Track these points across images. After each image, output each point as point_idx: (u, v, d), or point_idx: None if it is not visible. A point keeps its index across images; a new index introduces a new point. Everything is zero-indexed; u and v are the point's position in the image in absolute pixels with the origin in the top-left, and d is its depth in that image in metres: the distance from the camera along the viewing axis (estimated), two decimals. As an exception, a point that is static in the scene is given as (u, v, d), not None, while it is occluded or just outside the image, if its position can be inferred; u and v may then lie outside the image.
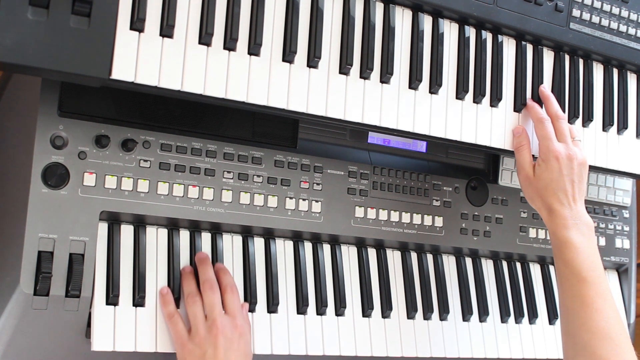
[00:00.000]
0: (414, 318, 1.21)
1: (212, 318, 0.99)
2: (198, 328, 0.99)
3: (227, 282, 1.04)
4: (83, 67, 0.86)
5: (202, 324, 0.99)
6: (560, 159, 1.12)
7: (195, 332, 0.99)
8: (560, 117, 1.18)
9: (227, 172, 1.09)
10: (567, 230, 1.09)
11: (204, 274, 1.04)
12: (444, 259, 1.29)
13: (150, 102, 1.05)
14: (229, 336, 0.99)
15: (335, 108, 1.04)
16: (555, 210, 1.11)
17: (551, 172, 1.12)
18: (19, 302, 0.94)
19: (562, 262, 1.08)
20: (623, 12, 1.29)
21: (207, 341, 0.98)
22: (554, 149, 1.13)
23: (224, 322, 0.99)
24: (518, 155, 1.17)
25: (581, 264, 1.06)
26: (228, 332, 0.99)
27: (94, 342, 0.96)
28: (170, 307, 1.01)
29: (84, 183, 0.99)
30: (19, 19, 0.83)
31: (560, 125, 1.16)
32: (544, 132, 1.15)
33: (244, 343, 1.01)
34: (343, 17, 1.07)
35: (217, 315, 1.00)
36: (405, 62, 1.11)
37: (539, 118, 1.17)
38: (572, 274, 1.06)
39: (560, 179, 1.11)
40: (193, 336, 0.98)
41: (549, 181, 1.12)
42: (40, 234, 0.95)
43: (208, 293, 1.01)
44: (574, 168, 1.13)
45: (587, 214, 1.12)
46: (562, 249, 1.08)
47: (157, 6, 0.93)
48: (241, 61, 0.98)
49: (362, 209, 1.19)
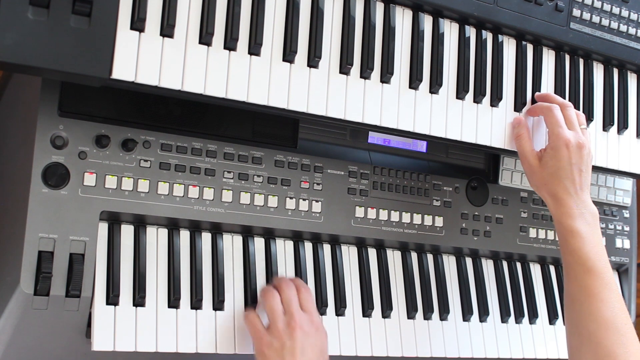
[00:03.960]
0: (414, 318, 1.21)
1: (290, 312, 1.02)
2: (277, 321, 1.01)
3: (300, 283, 1.09)
4: (83, 67, 0.86)
5: (280, 317, 1.02)
6: (570, 146, 1.10)
7: (273, 325, 1.01)
8: (566, 105, 1.16)
9: (228, 172, 1.09)
10: (573, 219, 1.08)
11: (279, 278, 1.10)
12: (444, 259, 1.29)
13: (150, 102, 1.05)
14: (307, 330, 1.01)
15: (335, 108, 1.04)
16: (562, 199, 1.09)
17: (559, 160, 1.10)
18: (19, 302, 0.94)
19: (567, 252, 1.07)
20: (623, 12, 1.29)
21: (285, 334, 1.00)
22: (564, 136, 1.11)
23: (301, 317, 1.03)
24: (518, 144, 1.16)
25: (587, 253, 1.05)
26: (305, 326, 1.02)
27: (94, 342, 0.96)
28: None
29: (84, 183, 0.99)
30: (19, 18, 0.83)
31: (568, 112, 1.15)
32: (554, 119, 1.13)
33: (320, 339, 1.03)
34: (343, 17, 1.07)
35: (294, 309, 1.03)
36: (405, 61, 1.11)
37: (547, 107, 1.16)
38: (577, 264, 1.05)
39: (568, 167, 1.10)
40: (272, 329, 1.01)
41: (556, 169, 1.10)
42: (40, 234, 0.95)
43: (285, 289, 1.05)
44: (583, 156, 1.11)
45: (592, 203, 1.11)
46: (568, 238, 1.07)
47: (157, 6, 0.93)
48: (241, 61, 0.98)
49: (362, 209, 1.19)
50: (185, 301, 1.04)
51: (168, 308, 1.03)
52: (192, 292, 1.05)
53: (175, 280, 1.04)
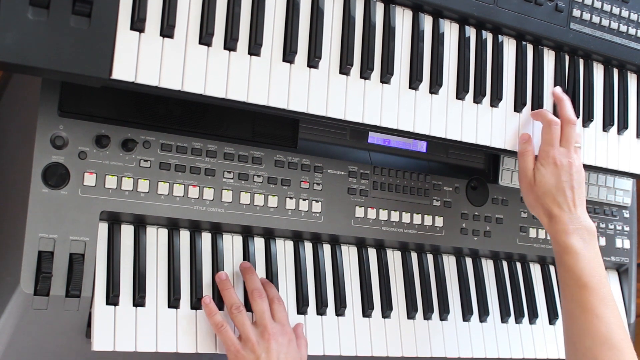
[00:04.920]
0: (414, 318, 1.21)
1: (263, 324, 1.02)
2: (249, 335, 1.01)
3: (273, 294, 1.07)
4: (83, 67, 0.86)
5: (252, 331, 1.01)
6: (559, 165, 1.12)
7: (246, 339, 1.01)
8: (571, 121, 1.16)
9: (228, 172, 1.09)
10: (568, 235, 1.08)
11: (252, 283, 1.06)
12: (444, 259, 1.29)
13: (150, 102, 1.05)
14: (280, 341, 1.02)
15: (335, 108, 1.04)
16: (555, 216, 1.10)
17: (550, 178, 1.12)
18: (19, 302, 0.94)
19: (563, 268, 1.08)
20: (623, 12, 1.29)
21: (260, 346, 1.00)
22: (553, 155, 1.13)
23: (274, 328, 1.02)
24: (522, 161, 1.17)
25: (582, 269, 1.06)
26: (279, 337, 1.02)
27: (94, 342, 0.96)
28: (218, 317, 1.02)
29: (84, 183, 0.99)
30: (19, 19, 0.83)
31: (568, 130, 1.15)
32: (549, 137, 1.15)
33: (294, 349, 1.03)
34: (343, 17, 1.07)
35: (267, 321, 1.02)
36: (405, 62, 1.11)
37: (548, 120, 1.16)
38: (573, 280, 1.06)
39: (559, 184, 1.11)
40: (245, 343, 1.01)
41: (548, 187, 1.12)
42: (40, 234, 0.95)
43: (258, 301, 1.04)
44: (572, 175, 1.12)
45: (589, 218, 1.12)
46: (563, 255, 1.08)
47: (157, 6, 0.93)
48: (241, 61, 0.98)
49: (362, 209, 1.19)
50: (185, 301, 1.04)
51: (168, 308, 1.03)
52: (192, 292, 1.05)
53: (175, 280, 1.04)
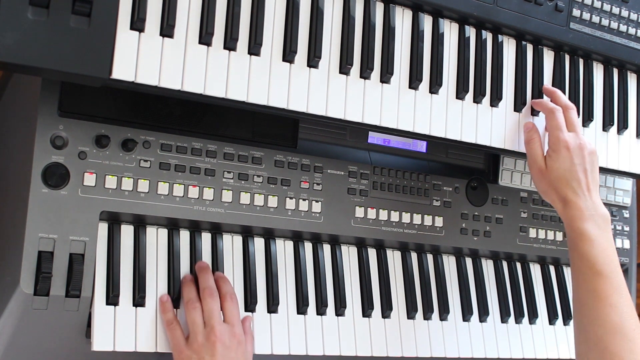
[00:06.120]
0: (414, 318, 1.21)
1: (211, 325, 0.99)
2: (196, 335, 0.98)
3: (226, 290, 1.04)
4: (83, 67, 0.86)
5: (200, 331, 0.99)
6: (571, 148, 1.11)
7: (193, 339, 0.98)
8: (569, 107, 1.17)
9: (227, 172, 1.09)
10: (583, 222, 1.07)
11: (204, 281, 1.03)
12: (444, 259, 1.29)
13: (150, 102, 1.05)
14: (227, 344, 0.98)
15: (335, 108, 1.04)
16: (571, 201, 1.09)
17: (563, 162, 1.10)
18: (19, 302, 0.94)
19: (577, 255, 1.06)
20: (623, 12, 1.29)
21: (204, 348, 0.97)
22: (564, 139, 1.12)
23: (222, 330, 0.99)
24: (529, 148, 1.16)
25: (596, 256, 1.04)
26: (226, 339, 0.98)
27: (94, 342, 0.96)
28: (169, 315, 1.00)
29: (84, 183, 0.99)
30: (19, 18, 0.82)
31: (570, 115, 1.16)
32: (555, 122, 1.14)
33: (242, 352, 1.00)
34: (343, 17, 1.07)
35: (215, 322, 0.99)
36: (405, 62, 1.11)
37: (550, 108, 1.16)
38: (586, 267, 1.04)
39: (572, 168, 1.10)
40: (191, 343, 0.98)
41: (561, 171, 1.10)
42: (40, 234, 0.95)
43: (207, 300, 1.01)
44: (585, 157, 1.11)
45: (604, 205, 1.10)
46: (577, 242, 1.06)
47: (157, 6, 0.93)
48: (241, 61, 0.98)
49: (362, 209, 1.19)
50: (185, 301, 1.04)
51: (168, 308, 1.03)
52: (192, 292, 1.05)
53: (175, 280, 1.04)
